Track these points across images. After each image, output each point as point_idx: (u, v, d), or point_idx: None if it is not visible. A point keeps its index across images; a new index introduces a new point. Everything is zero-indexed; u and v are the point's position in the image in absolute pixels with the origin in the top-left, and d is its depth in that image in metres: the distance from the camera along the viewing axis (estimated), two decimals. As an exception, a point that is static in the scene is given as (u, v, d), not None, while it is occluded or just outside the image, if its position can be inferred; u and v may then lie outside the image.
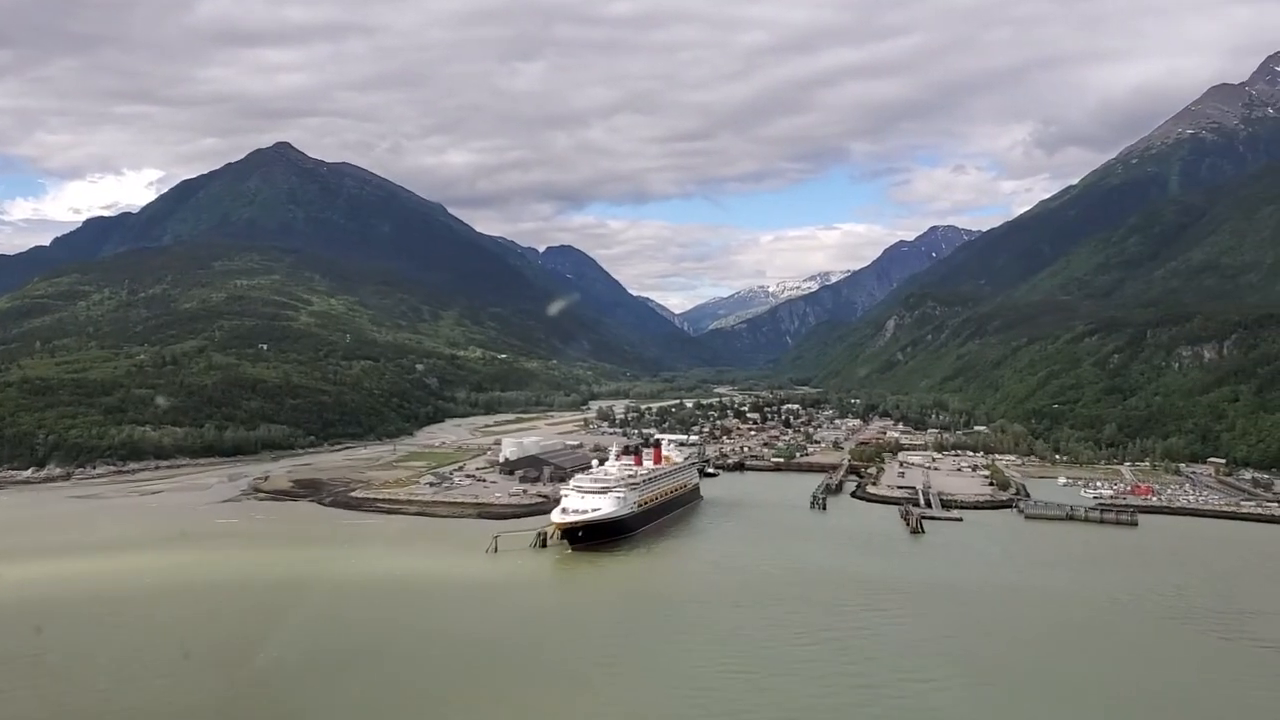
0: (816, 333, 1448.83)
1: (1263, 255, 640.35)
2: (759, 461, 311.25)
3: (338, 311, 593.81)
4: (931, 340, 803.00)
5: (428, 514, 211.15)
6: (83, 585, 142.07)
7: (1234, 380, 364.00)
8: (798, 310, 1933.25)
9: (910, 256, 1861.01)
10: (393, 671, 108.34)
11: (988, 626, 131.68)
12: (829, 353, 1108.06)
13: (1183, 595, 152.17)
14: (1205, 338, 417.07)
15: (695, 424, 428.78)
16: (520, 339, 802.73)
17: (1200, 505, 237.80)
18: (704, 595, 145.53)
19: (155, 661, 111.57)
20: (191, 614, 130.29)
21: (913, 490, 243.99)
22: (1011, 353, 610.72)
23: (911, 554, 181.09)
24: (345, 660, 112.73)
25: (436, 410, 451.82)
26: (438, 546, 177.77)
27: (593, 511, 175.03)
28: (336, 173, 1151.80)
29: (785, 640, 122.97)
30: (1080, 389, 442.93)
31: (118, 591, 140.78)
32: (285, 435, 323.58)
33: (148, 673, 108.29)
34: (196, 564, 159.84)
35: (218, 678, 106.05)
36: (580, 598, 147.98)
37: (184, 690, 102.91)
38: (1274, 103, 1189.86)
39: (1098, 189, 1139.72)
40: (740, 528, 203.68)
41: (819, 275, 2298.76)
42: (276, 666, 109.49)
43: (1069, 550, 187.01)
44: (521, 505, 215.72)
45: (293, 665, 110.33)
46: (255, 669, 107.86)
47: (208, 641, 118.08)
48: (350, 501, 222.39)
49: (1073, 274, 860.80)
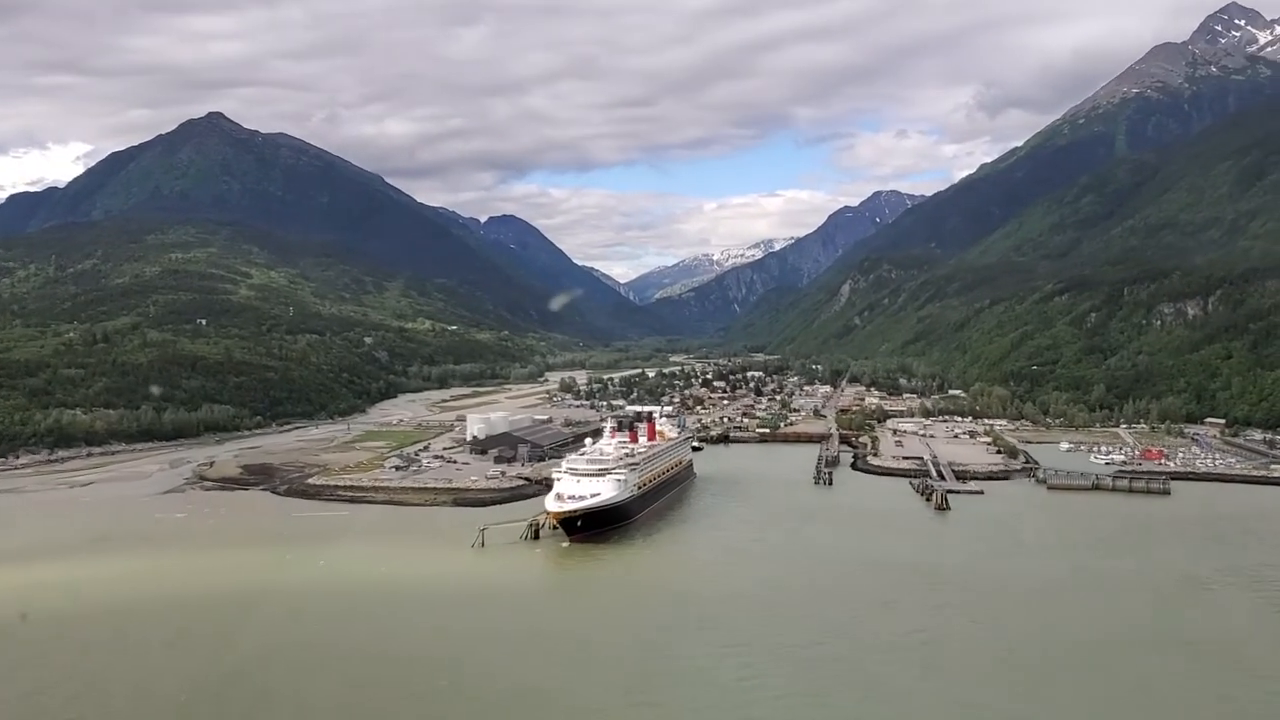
0: (766, 299, 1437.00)
1: (1222, 211, 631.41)
2: (743, 433, 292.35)
3: (279, 284, 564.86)
4: (889, 304, 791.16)
5: (397, 502, 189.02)
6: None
7: (1225, 337, 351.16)
8: (744, 278, 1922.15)
9: (855, 222, 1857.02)
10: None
11: (1090, 627, 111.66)
12: (781, 319, 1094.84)
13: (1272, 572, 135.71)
14: (1188, 294, 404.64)
15: (663, 394, 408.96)
16: (469, 310, 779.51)
17: (1229, 471, 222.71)
18: (735, 593, 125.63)
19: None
20: (114, 647, 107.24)
21: (919, 461, 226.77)
22: (975, 314, 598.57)
23: (942, 534, 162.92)
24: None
25: (389, 386, 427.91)
26: (414, 542, 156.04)
27: (591, 497, 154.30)
28: (272, 143, 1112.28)
29: (859, 655, 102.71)
30: (1058, 349, 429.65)
31: (18, 619, 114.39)
32: (230, 416, 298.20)
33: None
34: (129, 574, 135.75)
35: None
36: (594, 604, 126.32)
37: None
38: (1216, 61, 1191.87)
39: (1045, 150, 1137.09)
40: (746, 508, 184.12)
41: (763, 242, 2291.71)
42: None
43: (1111, 524, 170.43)
44: (502, 489, 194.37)
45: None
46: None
47: (126, 691, 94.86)
48: (308, 489, 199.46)
49: (1026, 235, 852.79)
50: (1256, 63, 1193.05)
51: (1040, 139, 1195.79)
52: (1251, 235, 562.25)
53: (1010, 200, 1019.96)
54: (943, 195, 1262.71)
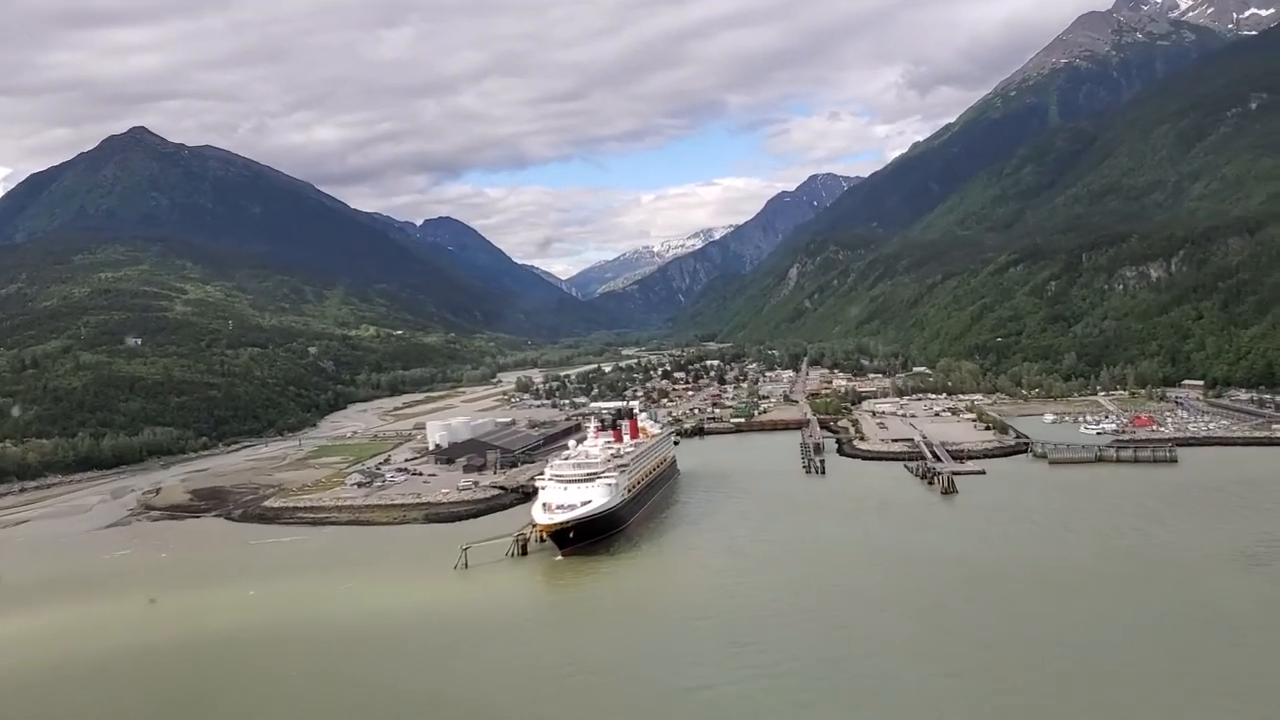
0: (712, 288, 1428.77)
1: (1164, 174, 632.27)
2: (717, 424, 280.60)
3: (215, 299, 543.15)
4: (838, 285, 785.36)
5: (363, 522, 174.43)
6: None
7: (1194, 297, 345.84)
8: (687, 268, 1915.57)
9: (793, 207, 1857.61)
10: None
11: (1183, 624, 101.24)
12: (730, 306, 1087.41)
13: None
14: (1150, 256, 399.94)
15: (624, 389, 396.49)
16: (412, 314, 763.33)
17: (1229, 434, 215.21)
18: (758, 603, 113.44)
19: None
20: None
21: (910, 443, 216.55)
22: (928, 290, 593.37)
23: (957, 521, 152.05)
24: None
25: (337, 396, 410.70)
26: (390, 566, 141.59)
27: (582, 505, 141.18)
28: (199, 156, 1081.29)
29: (933, 678, 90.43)
30: (1020, 320, 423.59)
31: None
32: (173, 438, 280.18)
33: None
34: (67, 629, 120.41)
35: None
36: (603, 628, 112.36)
37: None
38: (1141, 27, 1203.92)
39: (979, 124, 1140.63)
40: (742, 504, 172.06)
41: (702, 232, 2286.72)
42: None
43: (1131, 498, 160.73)
44: (477, 501, 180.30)
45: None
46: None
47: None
48: (264, 513, 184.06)
49: (969, 209, 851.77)
50: (1180, 27, 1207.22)
51: (974, 114, 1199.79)
52: (1196, 196, 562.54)
53: (949, 176, 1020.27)
54: (881, 175, 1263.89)
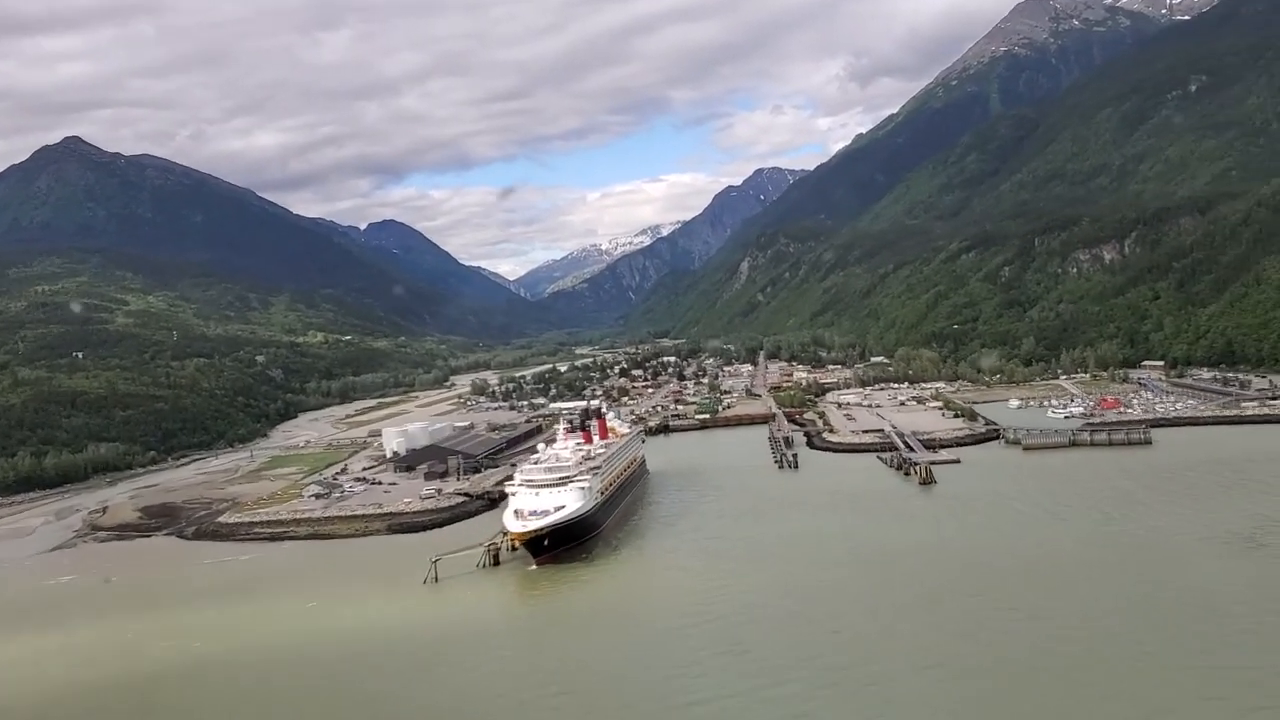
0: (663, 284, 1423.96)
1: (1109, 158, 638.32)
2: (682, 421, 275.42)
3: (158, 309, 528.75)
4: (790, 278, 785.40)
5: (324, 535, 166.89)
6: None
7: (1150, 278, 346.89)
8: (636, 265, 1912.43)
9: (740, 201, 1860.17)
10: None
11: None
12: (682, 302, 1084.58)
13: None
14: (1103, 239, 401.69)
15: (583, 388, 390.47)
16: (361, 319, 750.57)
17: (1200, 414, 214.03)
18: (748, 605, 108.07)
19: None
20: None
21: (880, 434, 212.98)
22: (880, 280, 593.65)
23: (937, 511, 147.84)
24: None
25: (287, 405, 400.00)
26: (356, 582, 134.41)
27: (555, 511, 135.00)
28: (137, 165, 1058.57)
29: (935, 675, 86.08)
30: (976, 306, 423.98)
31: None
32: (120, 454, 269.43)
33: None
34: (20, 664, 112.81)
35: None
36: (589, 640, 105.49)
37: None
38: (1078, 14, 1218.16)
39: (922, 114, 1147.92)
40: (717, 503, 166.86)
41: (650, 228, 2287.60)
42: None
43: (1112, 481, 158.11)
44: (441, 510, 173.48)
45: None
46: None
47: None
48: (219, 529, 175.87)
49: (915, 198, 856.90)
50: (1116, 14, 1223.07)
51: (916, 104, 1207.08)
52: (1142, 179, 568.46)
53: (894, 166, 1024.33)
54: (826, 167, 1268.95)
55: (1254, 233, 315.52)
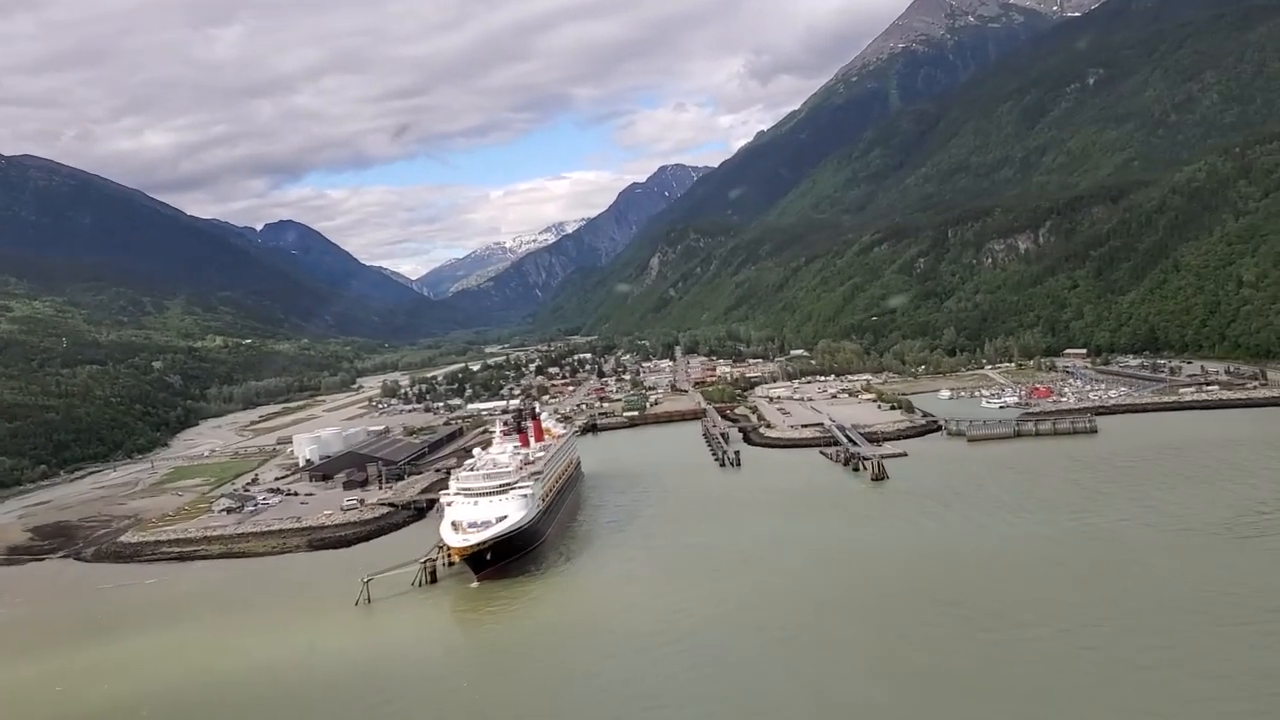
0: (571, 281, 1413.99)
1: (1011, 150, 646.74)
2: (610, 419, 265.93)
3: (45, 315, 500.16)
4: (701, 273, 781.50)
5: (238, 553, 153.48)
6: None
7: (1067, 267, 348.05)
8: (542, 262, 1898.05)
9: (644, 198, 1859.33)
10: None
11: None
12: (591, 299, 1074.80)
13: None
14: (1017, 229, 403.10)
15: (500, 388, 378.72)
16: (261, 321, 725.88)
17: (1139, 401, 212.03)
18: (720, 618, 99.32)
19: None
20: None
21: (820, 428, 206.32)
22: (793, 273, 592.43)
23: (896, 509, 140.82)
24: None
25: (188, 412, 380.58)
26: (279, 606, 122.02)
27: (497, 521, 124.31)
28: (18, 166, 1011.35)
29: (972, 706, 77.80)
30: (893, 298, 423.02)
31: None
32: (6, 469, 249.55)
33: None
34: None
35: None
36: (550, 667, 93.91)
37: None
38: (973, 10, 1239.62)
39: (824, 110, 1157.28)
40: (663, 506, 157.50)
41: (555, 226, 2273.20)
42: None
43: (1063, 473, 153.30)
44: (365, 522, 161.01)
45: None
46: None
47: None
48: (122, 550, 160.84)
49: (821, 193, 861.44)
50: (1010, 10, 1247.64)
51: (818, 100, 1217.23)
52: (1045, 170, 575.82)
53: (798, 162, 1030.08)
54: (731, 163, 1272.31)
55: (1169, 220, 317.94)
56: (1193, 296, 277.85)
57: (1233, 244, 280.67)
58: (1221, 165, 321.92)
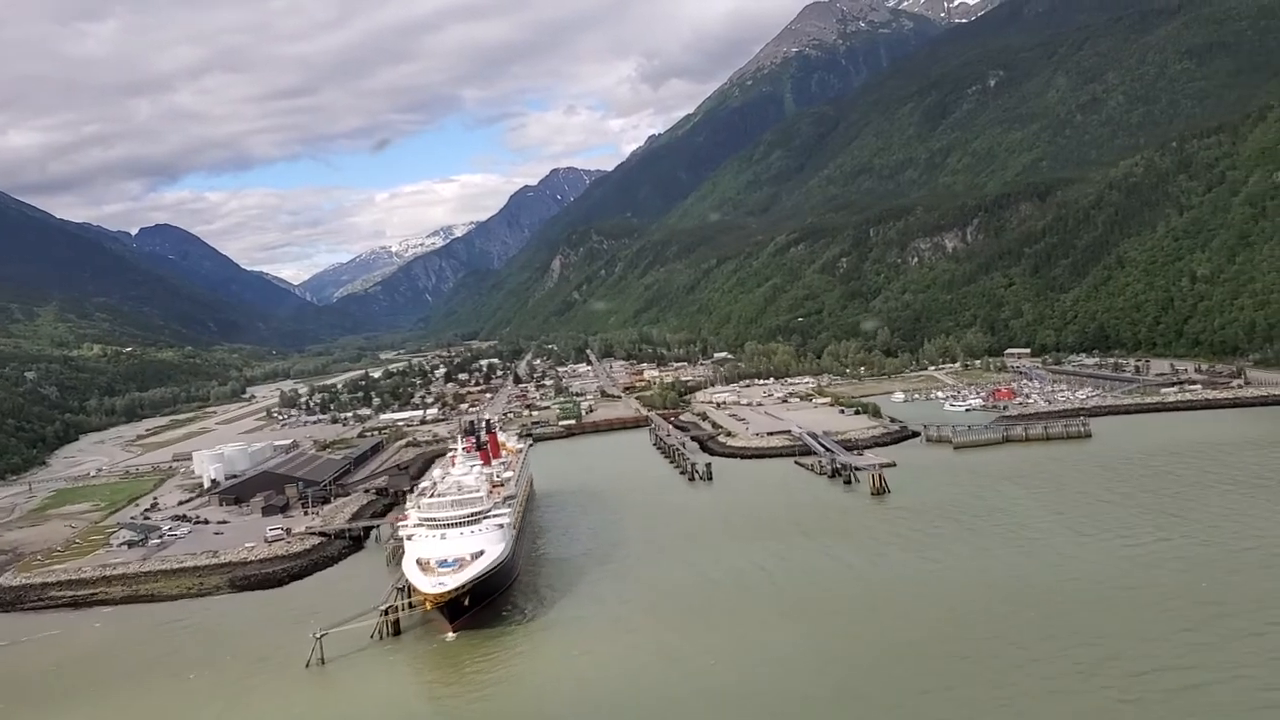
0: (465, 285, 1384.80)
1: (914, 152, 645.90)
2: (545, 428, 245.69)
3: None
4: (606, 275, 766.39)
5: (145, 596, 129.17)
6: None
7: (1001, 265, 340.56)
8: (432, 266, 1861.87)
9: (536, 202, 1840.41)
10: None
11: None
12: (488, 303, 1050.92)
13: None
14: (943, 227, 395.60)
15: (409, 395, 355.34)
16: (140, 329, 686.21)
17: (1120, 402, 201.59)
18: (777, 695, 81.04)
19: None
20: None
21: (790, 435, 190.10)
22: (704, 275, 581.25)
23: (914, 532, 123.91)
24: None
25: (67, 427, 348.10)
26: (208, 670, 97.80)
27: (474, 559, 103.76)
28: None
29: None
30: (817, 299, 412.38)
31: None
32: None
33: None
34: None
35: None
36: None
37: None
38: (863, 16, 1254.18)
39: (720, 113, 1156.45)
40: (643, 530, 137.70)
41: (443, 230, 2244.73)
42: None
43: (1081, 484, 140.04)
44: (297, 556, 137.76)
45: None
46: None
47: None
48: (3, 596, 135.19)
49: (723, 195, 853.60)
50: (900, 16, 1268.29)
51: (712, 103, 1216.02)
52: (950, 171, 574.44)
53: (696, 164, 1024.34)
54: (627, 166, 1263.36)
55: (1108, 216, 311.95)
56: (1143, 293, 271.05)
57: (1179, 239, 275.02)
58: (1160, 160, 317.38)
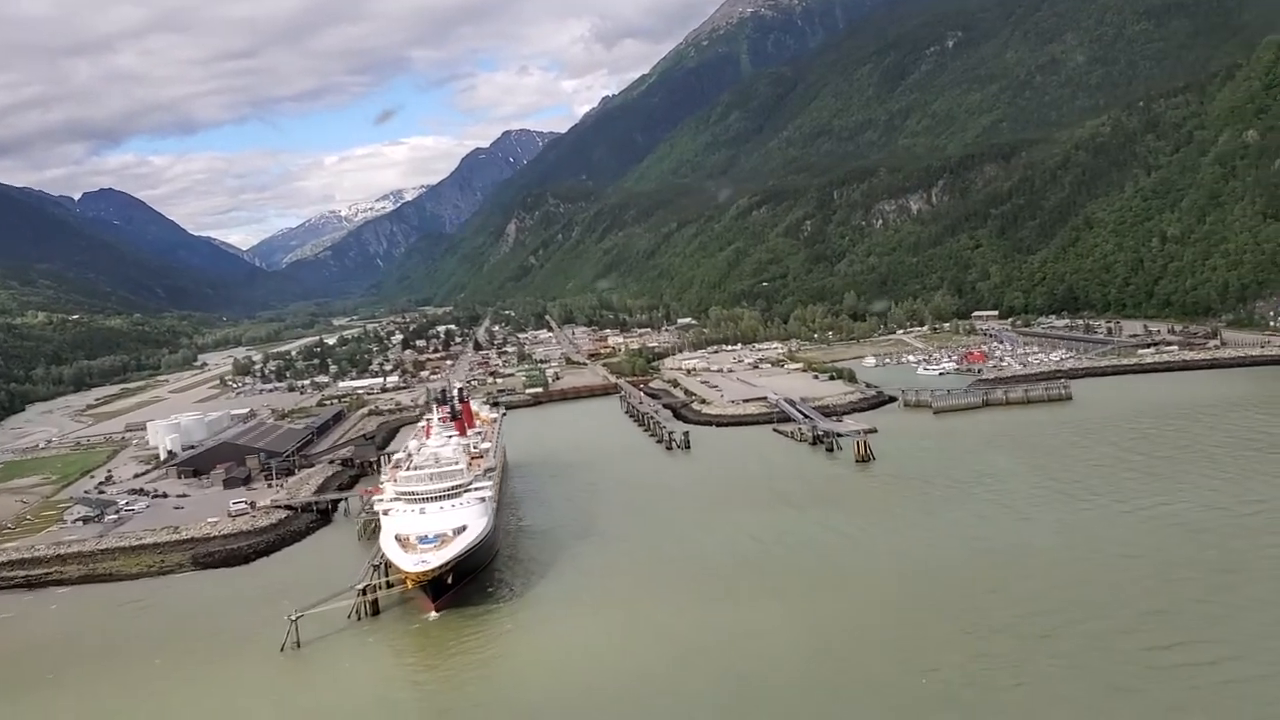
0: (417, 250, 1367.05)
1: (873, 113, 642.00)
2: (512, 396, 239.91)
3: None
4: (563, 240, 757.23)
5: (103, 575, 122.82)
6: None
7: (967, 226, 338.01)
8: (383, 231, 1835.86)
9: (489, 164, 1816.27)
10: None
11: None
12: (441, 268, 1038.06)
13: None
14: (908, 189, 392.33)
15: (368, 363, 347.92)
16: (87, 296, 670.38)
17: (1098, 364, 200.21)
18: (806, 677, 76.98)
19: None
20: None
21: (766, 402, 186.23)
22: (664, 239, 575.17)
23: (905, 501, 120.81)
24: None
25: (12, 396, 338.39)
26: (170, 656, 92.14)
27: (457, 535, 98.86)
28: None
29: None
30: (781, 263, 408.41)
31: None
32: None
33: None
34: None
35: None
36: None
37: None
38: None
39: (676, 74, 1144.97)
40: (623, 501, 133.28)
41: (393, 193, 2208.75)
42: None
43: (1074, 447, 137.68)
44: (263, 531, 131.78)
45: None
46: None
47: None
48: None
49: (681, 157, 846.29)
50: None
51: (668, 64, 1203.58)
52: (910, 133, 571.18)
53: (652, 126, 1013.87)
54: (582, 127, 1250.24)
55: (1075, 176, 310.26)
56: (1112, 254, 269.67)
57: (1148, 199, 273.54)
58: (1127, 120, 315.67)
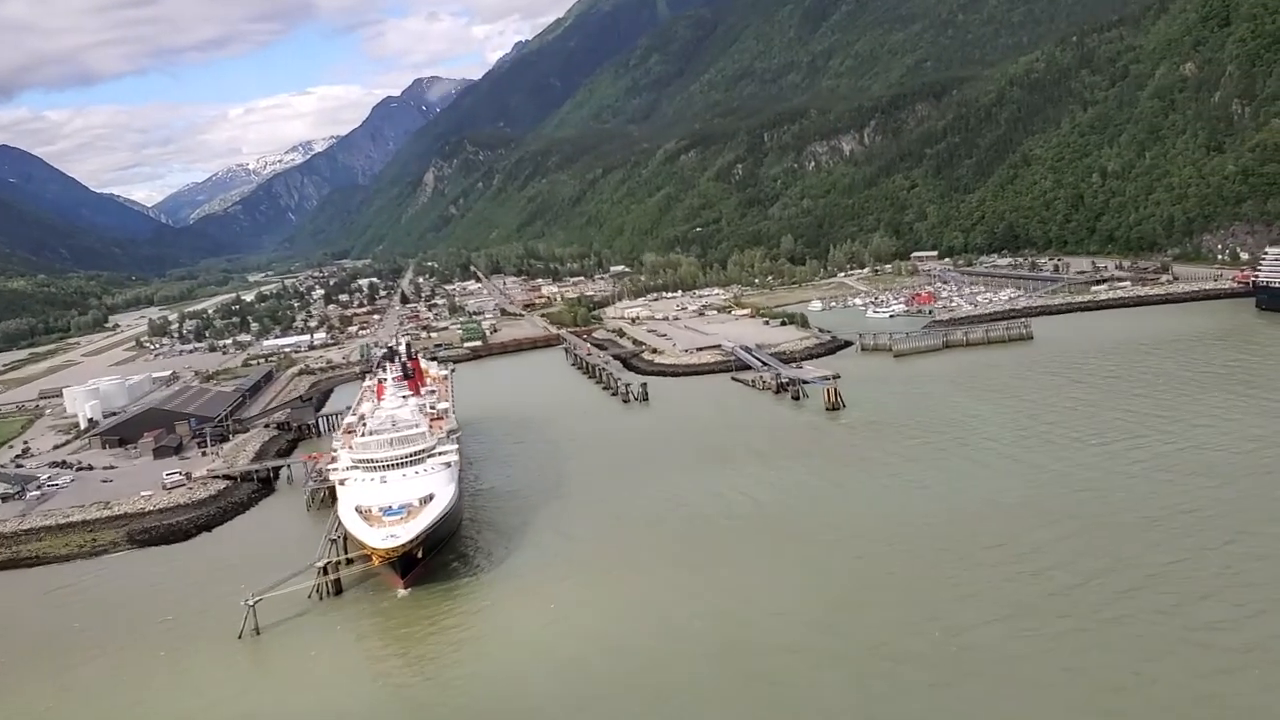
0: (331, 202, 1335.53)
1: (795, 55, 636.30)
2: (449, 351, 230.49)
3: None
4: (484, 188, 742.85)
5: (29, 559, 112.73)
6: None
7: (902, 166, 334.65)
8: (294, 183, 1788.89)
9: (400, 113, 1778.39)
10: None
11: None
12: (357, 220, 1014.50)
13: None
14: (839, 130, 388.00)
15: (290, 320, 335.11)
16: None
17: (1051, 303, 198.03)
18: (818, 659, 71.77)
19: None
20: None
21: (720, 350, 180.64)
22: (590, 186, 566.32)
23: (889, 451, 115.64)
24: None
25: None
26: (114, 648, 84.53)
27: (423, 504, 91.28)
28: None
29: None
30: (714, 207, 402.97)
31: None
32: None
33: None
34: None
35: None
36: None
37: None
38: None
39: (592, 17, 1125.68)
40: (588, 460, 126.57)
41: (302, 145, 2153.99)
42: None
43: (1045, 388, 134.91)
44: (203, 504, 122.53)
45: None
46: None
47: None
48: None
49: (601, 102, 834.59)
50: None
51: (583, 7, 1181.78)
52: (834, 74, 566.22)
53: (570, 71, 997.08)
54: (497, 73, 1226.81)
55: (1010, 114, 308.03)
56: (1051, 190, 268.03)
57: (1085, 134, 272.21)
58: (1061, 55, 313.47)
